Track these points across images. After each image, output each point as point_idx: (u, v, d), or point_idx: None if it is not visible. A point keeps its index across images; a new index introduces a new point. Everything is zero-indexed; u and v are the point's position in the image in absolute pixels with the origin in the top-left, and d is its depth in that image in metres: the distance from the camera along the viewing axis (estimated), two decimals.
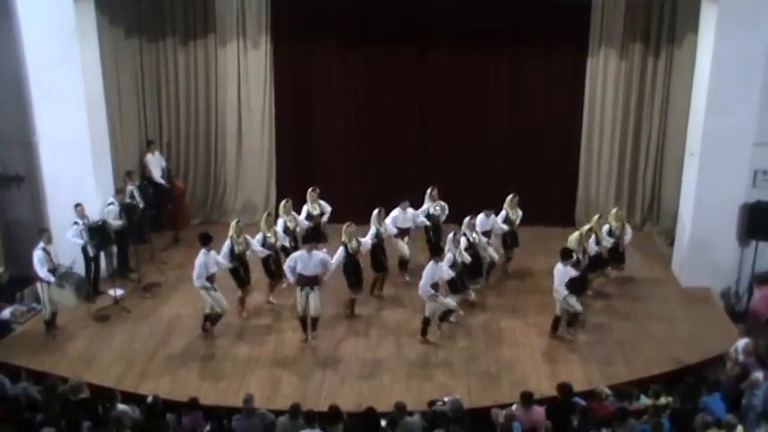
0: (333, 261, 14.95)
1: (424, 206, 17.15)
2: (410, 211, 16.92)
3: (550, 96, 19.37)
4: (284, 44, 19.36)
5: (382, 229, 16.14)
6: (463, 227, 15.90)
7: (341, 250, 15.20)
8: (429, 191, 17.19)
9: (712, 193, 16.10)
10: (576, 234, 15.51)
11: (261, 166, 20.03)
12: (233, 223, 15.42)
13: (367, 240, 15.74)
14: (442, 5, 18.16)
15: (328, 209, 17.14)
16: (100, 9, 16.72)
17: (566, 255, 14.43)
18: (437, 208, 17.21)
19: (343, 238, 15.23)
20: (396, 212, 16.72)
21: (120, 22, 18.27)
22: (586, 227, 15.85)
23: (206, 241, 14.57)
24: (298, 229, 16.57)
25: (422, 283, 14.26)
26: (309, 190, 17.05)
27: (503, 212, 16.85)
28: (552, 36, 18.86)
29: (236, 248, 15.11)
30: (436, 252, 14.53)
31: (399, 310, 16.00)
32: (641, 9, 18.39)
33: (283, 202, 16.62)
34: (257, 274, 15.94)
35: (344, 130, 19.87)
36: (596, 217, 16.25)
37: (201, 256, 14.44)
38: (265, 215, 16.10)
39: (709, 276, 16.48)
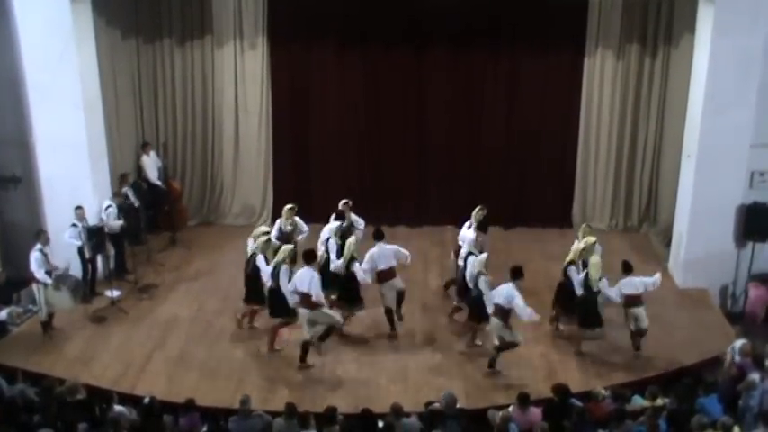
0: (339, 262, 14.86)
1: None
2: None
3: (547, 97, 19.36)
4: (281, 45, 19.33)
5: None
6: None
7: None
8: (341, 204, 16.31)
9: (709, 194, 16.12)
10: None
11: (258, 168, 20.01)
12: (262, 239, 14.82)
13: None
14: (439, 6, 18.16)
15: (305, 229, 16.29)
16: (97, 10, 16.71)
17: (627, 268, 14.30)
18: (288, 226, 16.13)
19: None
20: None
21: (117, 23, 18.27)
22: (584, 244, 14.95)
23: (310, 259, 14.15)
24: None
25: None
26: (287, 207, 16.24)
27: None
28: (549, 36, 18.85)
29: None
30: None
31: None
32: (638, 9, 18.39)
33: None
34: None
35: (342, 130, 19.84)
36: (593, 240, 15.23)
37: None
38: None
39: (705, 277, 16.49)
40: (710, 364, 13.77)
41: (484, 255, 14.35)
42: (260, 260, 14.44)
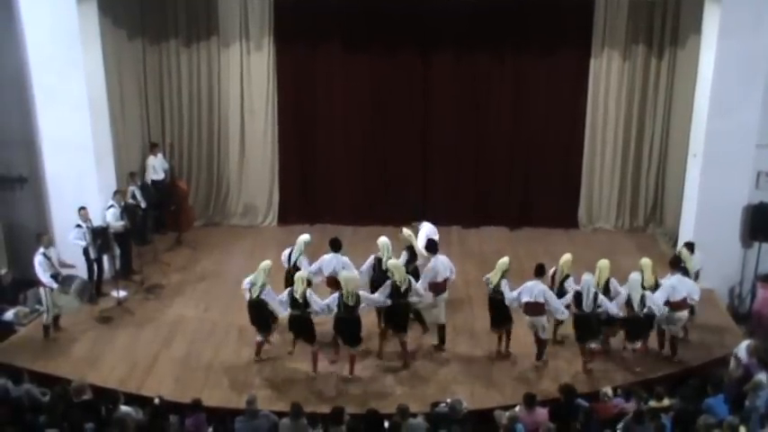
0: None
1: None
2: None
3: (553, 97, 19.35)
4: (287, 46, 19.33)
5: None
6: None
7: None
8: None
9: (715, 194, 16.11)
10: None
11: (264, 168, 20.01)
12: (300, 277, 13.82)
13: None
14: (445, 8, 18.12)
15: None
16: (103, 11, 16.73)
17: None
18: None
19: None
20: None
21: (123, 23, 18.28)
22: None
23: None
24: None
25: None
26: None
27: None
28: (555, 38, 18.83)
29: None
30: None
31: None
32: (644, 10, 18.38)
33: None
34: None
35: (347, 132, 19.86)
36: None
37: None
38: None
39: (712, 278, 16.41)
40: (717, 364, 13.76)
41: (590, 275, 13.83)
42: (268, 294, 13.86)
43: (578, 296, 13.53)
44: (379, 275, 14.44)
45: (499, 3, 18.02)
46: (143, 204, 17.61)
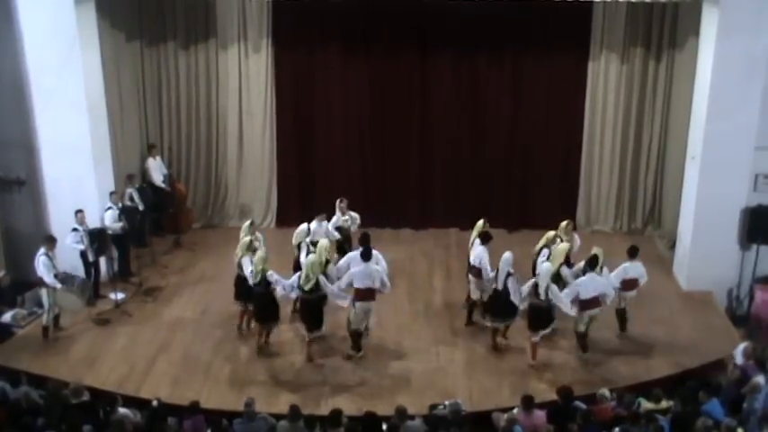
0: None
1: (334, 218, 16.40)
2: (325, 224, 16.08)
3: (552, 100, 19.31)
4: (285, 48, 19.30)
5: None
6: None
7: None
8: (338, 203, 16.64)
9: (713, 196, 16.10)
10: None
11: (262, 171, 20.00)
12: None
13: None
14: (443, 10, 18.08)
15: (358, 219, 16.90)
16: (101, 13, 16.72)
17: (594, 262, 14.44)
18: (347, 219, 16.61)
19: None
20: (313, 226, 15.94)
21: (121, 25, 18.26)
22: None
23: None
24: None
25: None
26: (338, 201, 16.65)
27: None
28: (553, 40, 18.78)
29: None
30: None
31: (400, 315, 15.99)
32: (642, 13, 18.35)
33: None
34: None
35: (346, 133, 19.84)
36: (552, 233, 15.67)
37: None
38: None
39: (710, 280, 16.46)
40: (715, 366, 13.77)
41: (509, 254, 14.44)
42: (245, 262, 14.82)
43: (495, 274, 14.42)
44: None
45: (498, 5, 17.97)
46: (141, 207, 17.61)
